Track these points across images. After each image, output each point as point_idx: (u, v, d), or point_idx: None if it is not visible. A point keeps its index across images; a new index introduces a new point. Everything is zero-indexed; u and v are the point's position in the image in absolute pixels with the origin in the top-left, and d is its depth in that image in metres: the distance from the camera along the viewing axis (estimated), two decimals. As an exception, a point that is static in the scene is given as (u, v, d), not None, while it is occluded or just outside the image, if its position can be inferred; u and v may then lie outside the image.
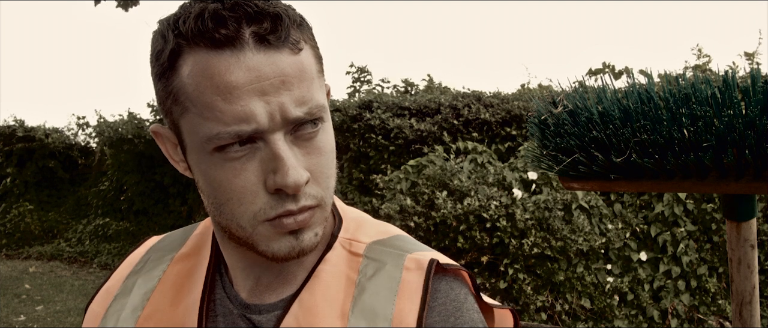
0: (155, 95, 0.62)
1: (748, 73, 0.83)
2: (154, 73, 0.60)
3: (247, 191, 0.57)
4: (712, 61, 4.90)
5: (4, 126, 9.27)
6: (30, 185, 9.09)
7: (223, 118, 0.55)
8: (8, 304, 5.65)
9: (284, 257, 0.61)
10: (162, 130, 0.65)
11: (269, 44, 0.55)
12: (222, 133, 0.55)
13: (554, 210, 3.69)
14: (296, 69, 0.57)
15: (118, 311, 0.70)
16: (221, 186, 0.58)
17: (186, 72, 0.56)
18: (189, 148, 0.61)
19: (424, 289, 0.62)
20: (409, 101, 5.72)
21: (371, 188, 5.12)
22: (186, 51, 0.56)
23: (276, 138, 0.56)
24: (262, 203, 0.58)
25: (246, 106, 0.54)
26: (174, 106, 0.59)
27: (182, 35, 0.56)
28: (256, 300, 0.67)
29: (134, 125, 7.57)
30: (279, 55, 0.56)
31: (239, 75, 0.54)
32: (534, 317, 3.70)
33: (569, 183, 1.02)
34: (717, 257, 3.97)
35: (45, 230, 8.69)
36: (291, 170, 0.56)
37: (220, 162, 0.57)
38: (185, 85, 0.56)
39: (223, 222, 0.61)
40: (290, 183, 0.56)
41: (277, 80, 0.55)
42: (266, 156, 0.57)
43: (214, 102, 0.55)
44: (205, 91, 0.55)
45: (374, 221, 0.74)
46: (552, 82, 3.71)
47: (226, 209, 0.59)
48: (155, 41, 0.60)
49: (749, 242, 0.96)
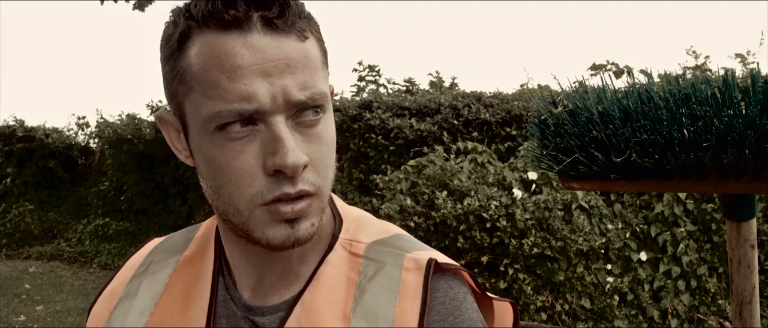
0: (163, 81, 0.63)
1: (747, 73, 0.83)
2: (163, 57, 0.61)
3: (246, 172, 0.57)
4: (709, 60, 4.90)
5: (4, 126, 9.27)
6: (30, 185, 9.09)
7: (226, 96, 0.55)
8: (8, 304, 5.65)
9: (278, 245, 0.60)
10: (166, 115, 0.65)
11: (276, 28, 0.56)
12: (223, 111, 0.56)
13: (554, 210, 3.69)
14: (301, 55, 0.57)
15: (123, 314, 0.70)
16: (220, 167, 0.58)
17: (194, 52, 0.57)
18: (191, 130, 0.61)
19: (425, 289, 0.62)
20: (409, 101, 5.72)
21: (371, 188, 5.12)
22: (195, 33, 0.57)
23: (277, 120, 0.57)
24: (260, 186, 0.58)
25: (249, 86, 0.55)
26: (180, 86, 0.59)
27: (193, 18, 0.57)
28: (259, 302, 0.67)
29: (134, 125, 7.57)
30: (285, 39, 0.57)
31: (245, 55, 0.55)
32: (534, 317, 3.70)
33: (569, 183, 1.02)
34: (717, 257, 3.97)
35: (45, 230, 8.69)
36: (290, 151, 0.56)
37: (220, 142, 0.57)
38: (192, 64, 0.57)
39: (221, 206, 0.61)
40: (289, 163, 0.56)
41: (282, 63, 0.56)
42: (267, 138, 0.57)
43: (219, 80, 0.55)
44: (210, 70, 0.56)
45: (375, 221, 0.73)
46: (555, 79, 3.70)
47: (224, 191, 0.59)
48: (166, 29, 0.61)
49: (749, 242, 0.96)
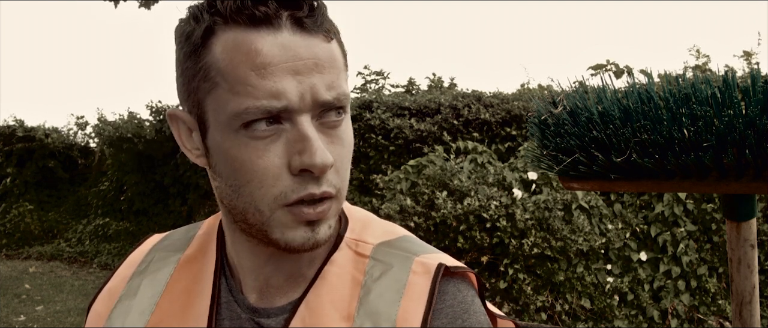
0: (179, 79, 0.62)
1: (747, 73, 0.83)
2: (183, 54, 0.60)
3: (270, 172, 0.57)
4: (711, 61, 4.90)
5: (4, 126, 9.27)
6: (30, 185, 9.09)
7: (255, 92, 0.55)
8: (8, 304, 5.65)
9: (298, 247, 0.60)
10: (180, 113, 0.64)
11: (305, 28, 0.57)
12: (251, 108, 0.55)
13: (554, 210, 3.69)
14: (328, 55, 0.58)
15: (124, 313, 0.69)
16: (243, 166, 0.57)
17: (219, 48, 0.57)
18: (212, 128, 0.59)
19: (431, 291, 0.62)
20: (409, 101, 5.72)
21: (371, 188, 5.12)
22: (221, 28, 0.57)
23: (303, 119, 0.56)
24: (284, 186, 0.57)
25: (278, 83, 0.55)
26: (202, 83, 0.58)
27: (219, 13, 0.57)
28: (265, 304, 0.66)
29: (134, 125, 7.56)
30: (313, 39, 0.57)
31: (274, 52, 0.55)
32: (534, 317, 3.70)
33: (569, 183, 1.02)
34: (717, 257, 3.97)
35: (45, 230, 8.69)
36: (319, 151, 0.56)
37: (245, 141, 0.57)
38: (218, 60, 0.57)
39: (240, 206, 0.60)
40: (318, 163, 0.55)
41: (311, 62, 0.56)
42: (292, 137, 0.57)
43: (247, 77, 0.55)
44: (238, 66, 0.55)
45: (380, 221, 0.73)
46: (553, 82, 3.72)
47: (245, 191, 0.58)
48: (184, 26, 0.60)
49: (749, 242, 0.96)
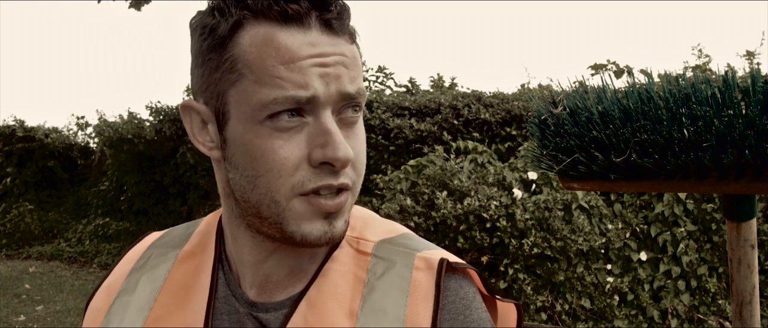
0: (196, 70, 0.63)
1: (747, 73, 0.83)
2: (206, 46, 0.61)
3: (290, 163, 0.58)
4: (712, 60, 4.91)
5: (4, 126, 9.26)
6: (30, 185, 9.09)
7: (283, 83, 0.57)
8: (8, 304, 5.65)
9: (314, 241, 0.60)
10: (194, 104, 0.64)
11: (332, 28, 0.59)
12: (279, 98, 0.57)
13: (554, 210, 3.69)
14: (352, 56, 0.61)
15: (122, 308, 0.69)
16: (264, 156, 0.58)
17: (247, 41, 0.58)
18: (233, 119, 0.60)
19: (437, 290, 0.62)
20: (409, 101, 5.72)
21: (371, 188, 5.11)
22: (250, 22, 0.59)
23: (326, 114, 0.59)
24: (302, 176, 0.59)
25: (306, 76, 0.57)
26: (227, 74, 0.60)
27: (248, 8, 0.58)
28: (264, 298, 0.66)
29: (134, 125, 7.56)
30: (339, 40, 0.60)
31: (304, 49, 0.57)
32: (534, 317, 3.70)
33: (569, 183, 1.02)
34: (717, 257, 3.97)
35: (45, 230, 8.69)
36: (341, 144, 0.58)
37: (268, 132, 0.58)
38: (245, 53, 0.58)
39: (254, 198, 0.60)
40: (340, 156, 0.57)
41: (337, 59, 0.59)
42: (315, 131, 0.58)
43: (276, 69, 0.57)
44: (268, 59, 0.57)
45: (381, 220, 0.73)
46: (553, 82, 3.71)
47: (262, 181, 0.59)
48: (205, 19, 0.61)
49: (749, 242, 0.96)
